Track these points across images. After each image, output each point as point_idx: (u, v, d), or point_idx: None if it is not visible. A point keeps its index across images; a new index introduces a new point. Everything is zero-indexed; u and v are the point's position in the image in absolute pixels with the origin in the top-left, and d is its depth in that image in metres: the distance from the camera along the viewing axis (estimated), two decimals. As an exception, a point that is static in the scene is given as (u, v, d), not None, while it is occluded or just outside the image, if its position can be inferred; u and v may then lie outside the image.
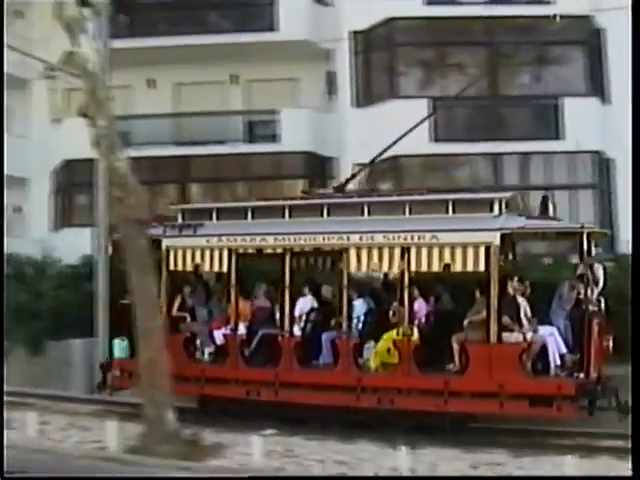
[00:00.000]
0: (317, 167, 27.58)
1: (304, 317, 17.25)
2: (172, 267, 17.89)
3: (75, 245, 25.16)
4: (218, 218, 17.88)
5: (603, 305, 15.90)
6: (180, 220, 18.12)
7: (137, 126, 27.51)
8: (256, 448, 13.70)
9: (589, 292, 15.26)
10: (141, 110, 28.44)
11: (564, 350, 15.36)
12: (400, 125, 23.51)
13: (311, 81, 28.32)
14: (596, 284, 15.74)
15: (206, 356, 18.00)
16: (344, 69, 26.80)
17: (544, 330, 15.40)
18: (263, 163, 27.52)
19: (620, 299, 16.33)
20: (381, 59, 26.34)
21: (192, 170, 28.11)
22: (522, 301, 15.65)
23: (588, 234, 15.14)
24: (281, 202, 17.82)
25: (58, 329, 22.69)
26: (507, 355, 14.86)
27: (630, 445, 11.70)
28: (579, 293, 15.66)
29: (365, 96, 26.49)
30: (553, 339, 15.37)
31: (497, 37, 25.24)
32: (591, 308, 15.19)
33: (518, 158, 25.18)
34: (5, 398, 19.28)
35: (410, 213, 16.20)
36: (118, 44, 24.28)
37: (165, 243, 17.86)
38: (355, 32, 26.37)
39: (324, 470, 13.34)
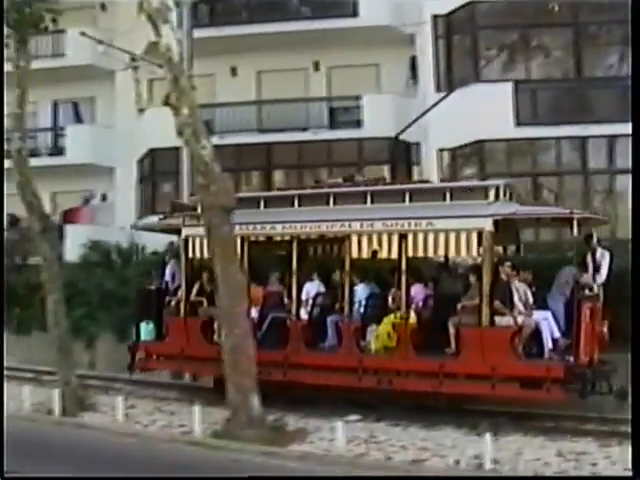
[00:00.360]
0: (400, 153, 27.40)
1: (310, 301, 17.75)
2: (191, 255, 18.53)
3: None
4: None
5: (602, 291, 16.02)
6: (199, 210, 17.57)
7: (220, 114, 27.79)
8: (340, 434, 13.76)
9: (583, 277, 15.59)
10: (224, 98, 28.66)
11: (557, 334, 15.42)
12: (483, 109, 23.30)
13: (392, 66, 28.17)
14: (597, 270, 15.94)
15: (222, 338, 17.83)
16: (426, 54, 26.56)
17: (538, 315, 15.49)
18: (346, 149, 27.45)
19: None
20: (463, 43, 26.01)
21: (275, 157, 28.18)
22: (521, 286, 15.84)
23: (582, 220, 15.33)
24: (290, 192, 18.51)
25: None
26: (498, 338, 15.12)
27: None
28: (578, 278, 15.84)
29: (447, 80, 26.23)
30: (547, 323, 15.42)
31: (582, 17, 24.69)
32: (583, 293, 15.39)
33: (605, 141, 24.62)
34: (94, 382, 19.78)
35: (410, 201, 16.46)
36: (200, 33, 24.54)
37: (184, 232, 18.55)
38: (437, 16, 26.08)
39: (407, 456, 13.32)
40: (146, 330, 19.36)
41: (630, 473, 11.08)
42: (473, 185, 16.95)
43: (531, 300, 15.83)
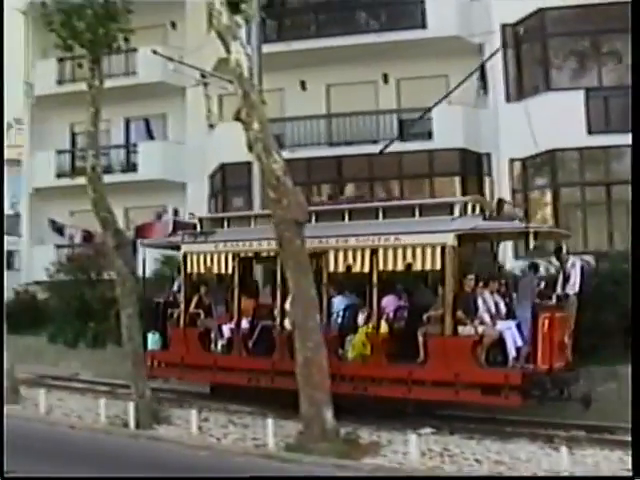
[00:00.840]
0: (471, 164, 27.26)
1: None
2: (189, 270, 20.13)
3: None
4: (228, 226, 20.05)
5: (574, 301, 17.18)
6: (198, 228, 20.29)
7: (290, 128, 27.97)
8: (413, 447, 13.65)
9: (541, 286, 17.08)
10: (293, 112, 28.83)
11: (520, 343, 16.06)
12: (554, 118, 23.00)
13: (461, 77, 27.99)
14: (566, 280, 17.33)
15: (218, 347, 19.73)
16: (495, 63, 26.38)
17: (502, 324, 16.24)
18: (416, 161, 27.38)
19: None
20: (533, 51, 25.79)
21: (345, 170, 28.20)
22: (490, 297, 16.74)
23: (537, 233, 16.28)
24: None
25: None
26: (460, 347, 16.08)
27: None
28: (540, 288, 17.20)
29: (518, 90, 26.02)
30: (510, 333, 16.07)
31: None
32: (540, 302, 16.51)
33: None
34: (167, 396, 19.96)
35: (383, 218, 17.72)
36: (269, 48, 24.74)
37: (183, 249, 20.22)
38: (505, 25, 25.91)
39: (482, 470, 13.20)
40: (153, 340, 20.78)
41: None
42: (440, 202, 17.89)
43: (504, 310, 16.73)
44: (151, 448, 16.22)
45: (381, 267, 17.24)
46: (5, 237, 37.57)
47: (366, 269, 17.48)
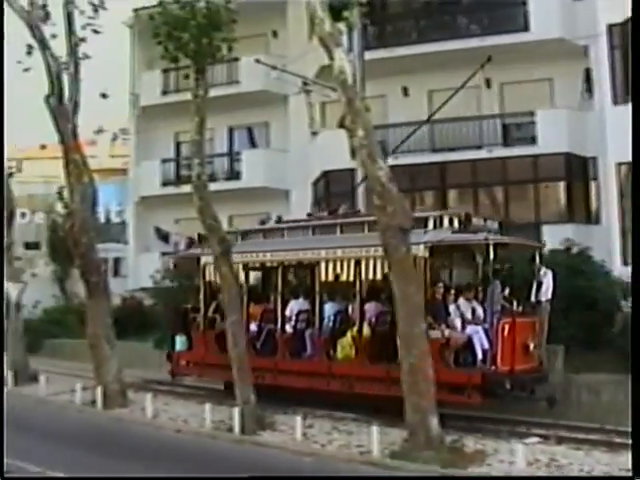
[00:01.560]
0: (577, 168, 26.75)
1: (294, 317, 20.62)
2: (207, 278, 22.20)
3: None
4: (242, 239, 21.87)
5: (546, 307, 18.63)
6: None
7: (393, 134, 27.90)
8: (519, 456, 13.45)
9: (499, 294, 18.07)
10: (396, 119, 28.75)
11: (486, 346, 17.23)
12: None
13: (566, 80, 27.54)
14: (539, 288, 18.71)
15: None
16: (601, 65, 25.81)
17: (470, 329, 17.57)
18: (521, 166, 27.00)
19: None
20: (641, 52, 25.15)
21: (449, 176, 28.00)
22: (465, 304, 18.18)
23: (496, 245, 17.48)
24: (279, 225, 22.20)
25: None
26: (430, 349, 16.21)
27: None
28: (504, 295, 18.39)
29: (625, 92, 25.41)
30: (478, 336, 17.37)
31: None
32: (500, 309, 17.77)
33: None
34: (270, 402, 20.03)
35: (368, 231, 18.79)
36: (371, 55, 24.75)
37: (202, 260, 22.08)
38: (612, 25, 25.32)
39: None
40: (180, 341, 23.02)
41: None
42: (417, 216, 18.16)
43: (482, 316, 17.92)
44: (255, 453, 16.36)
45: (363, 276, 19.10)
46: (112, 244, 38.62)
47: (351, 278, 19.51)
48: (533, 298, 18.83)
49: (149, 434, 18.32)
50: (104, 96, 23.13)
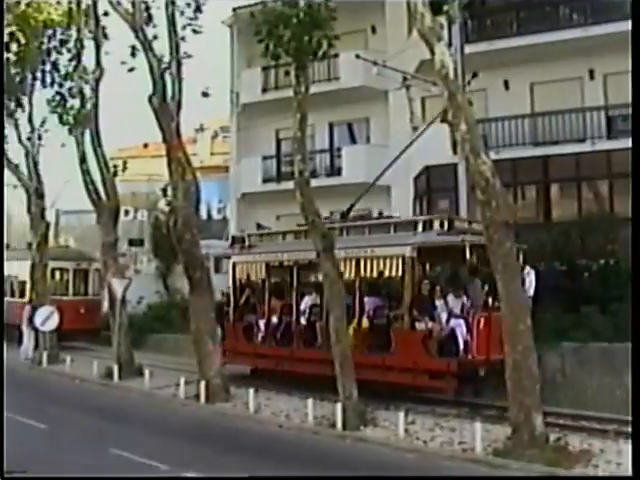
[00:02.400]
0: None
1: (307, 310, 23.02)
2: (237, 276, 25.20)
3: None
4: (263, 240, 24.95)
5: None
6: (247, 242, 25.00)
7: (495, 128, 27.61)
8: (627, 458, 13.18)
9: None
10: (496, 113, 28.44)
11: (467, 337, 19.41)
12: None
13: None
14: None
15: (258, 338, 24.21)
16: None
17: (454, 322, 19.60)
18: (626, 159, 26.31)
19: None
20: None
21: (552, 170, 27.52)
22: (453, 299, 20.09)
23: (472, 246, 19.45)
24: (296, 228, 23.79)
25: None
26: (415, 340, 19.81)
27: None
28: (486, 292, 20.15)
29: None
30: (460, 329, 19.47)
31: None
32: (476, 304, 19.92)
33: None
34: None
35: (369, 233, 21.77)
36: (471, 49, 24.56)
37: (232, 259, 25.34)
38: None
39: None
40: None
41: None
42: (409, 220, 21.84)
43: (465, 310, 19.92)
44: (358, 449, 16.45)
45: (362, 274, 21.32)
46: (214, 241, 39.09)
47: (352, 276, 21.38)
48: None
49: (252, 429, 18.53)
50: (205, 95, 23.47)
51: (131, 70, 24.31)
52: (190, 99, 23.42)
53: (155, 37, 23.78)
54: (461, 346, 19.34)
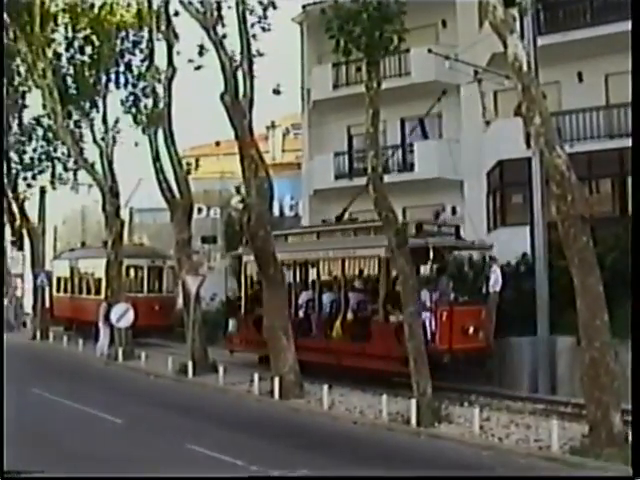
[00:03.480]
0: None
1: (304, 304, 25.98)
2: (248, 273, 28.02)
3: (511, 244, 25.38)
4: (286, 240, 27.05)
5: (494, 298, 23.09)
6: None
7: (569, 121, 27.21)
8: None
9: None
10: (570, 105, 28.03)
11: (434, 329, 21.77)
12: None
13: None
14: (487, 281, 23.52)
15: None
16: None
17: (424, 314, 21.16)
18: None
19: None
20: None
21: (627, 163, 26.98)
22: (426, 294, 22.01)
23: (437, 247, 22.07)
24: (297, 230, 29.25)
25: (498, 327, 23.00)
26: (388, 330, 22.15)
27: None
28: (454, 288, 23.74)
29: None
30: (428, 321, 21.56)
31: None
32: (439, 299, 22.40)
33: None
34: (446, 394, 19.99)
35: (355, 236, 24.74)
36: (543, 40, 24.22)
37: (244, 259, 27.76)
38: None
39: None
40: (232, 324, 28.60)
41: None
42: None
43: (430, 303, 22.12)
44: (432, 446, 16.40)
45: (347, 272, 24.80)
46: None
47: (339, 273, 24.81)
48: (484, 290, 23.52)
49: (326, 425, 18.60)
50: (276, 92, 23.59)
51: (198, 68, 24.61)
52: (261, 96, 23.59)
53: (224, 36, 23.98)
54: (429, 336, 21.28)
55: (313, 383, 21.98)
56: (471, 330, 22.09)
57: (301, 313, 25.97)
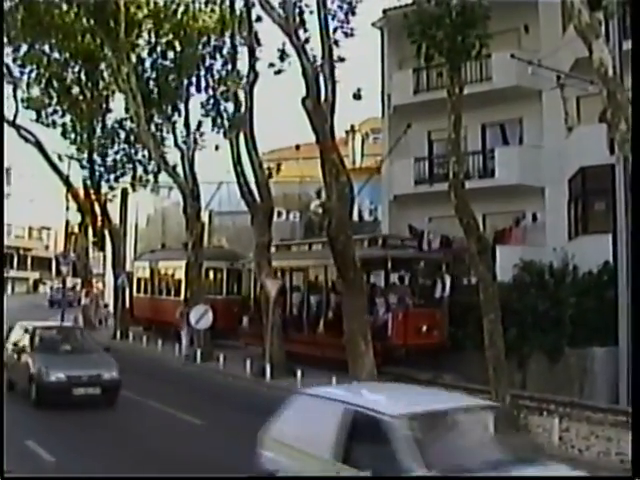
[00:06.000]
0: None
1: (296, 304, 30.69)
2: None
3: (593, 252, 25.02)
4: (276, 250, 31.18)
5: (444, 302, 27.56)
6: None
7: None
8: None
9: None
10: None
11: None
12: None
13: None
14: (443, 287, 27.81)
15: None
16: None
17: (386, 315, 26.39)
18: None
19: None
20: None
21: None
22: (393, 297, 26.97)
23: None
24: (294, 241, 35.77)
25: (578, 337, 22.70)
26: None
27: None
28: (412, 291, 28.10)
29: None
30: (389, 321, 26.07)
31: None
32: (395, 301, 26.75)
33: None
34: (525, 403, 19.77)
35: None
36: (629, 45, 23.79)
37: (246, 267, 33.47)
38: None
39: None
40: (245, 321, 33.00)
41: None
42: (360, 237, 27.43)
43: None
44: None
45: (329, 278, 28.53)
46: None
47: (323, 278, 29.18)
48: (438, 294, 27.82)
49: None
50: (357, 97, 23.64)
51: (279, 73, 24.81)
52: (341, 101, 23.65)
53: (307, 40, 24.14)
54: (389, 333, 25.88)
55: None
56: (424, 329, 26.42)
57: (295, 311, 30.89)
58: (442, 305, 27.48)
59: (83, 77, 41.34)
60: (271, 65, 25.46)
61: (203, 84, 33.84)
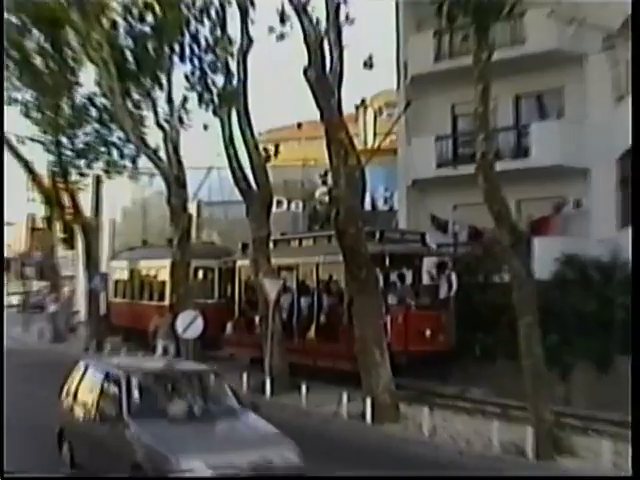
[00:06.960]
0: None
1: (287, 306, 30.78)
2: (242, 278, 33.69)
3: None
4: (275, 246, 31.27)
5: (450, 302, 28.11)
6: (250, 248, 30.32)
7: None
8: None
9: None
10: None
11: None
12: None
13: None
14: (449, 286, 28.17)
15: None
16: None
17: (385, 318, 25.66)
18: None
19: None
20: None
21: None
22: (390, 297, 27.10)
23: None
24: (286, 236, 34.30)
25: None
26: (352, 332, 23.57)
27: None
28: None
29: None
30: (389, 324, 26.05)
31: None
32: (393, 303, 27.15)
33: None
34: (568, 421, 19.73)
35: (329, 243, 27.48)
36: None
37: (238, 263, 33.94)
38: None
39: None
40: (229, 327, 33.88)
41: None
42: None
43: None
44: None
45: (321, 277, 29.91)
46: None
47: (315, 277, 30.13)
48: (442, 295, 28.18)
49: (426, 456, 18.57)
50: (368, 65, 23.55)
51: (281, 38, 24.63)
52: (349, 71, 23.49)
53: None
54: (387, 337, 24.57)
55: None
56: (428, 333, 26.95)
57: (284, 314, 30.52)
58: (449, 306, 28.11)
59: (46, 45, 41.12)
60: (271, 29, 25.28)
61: (188, 52, 33.67)
